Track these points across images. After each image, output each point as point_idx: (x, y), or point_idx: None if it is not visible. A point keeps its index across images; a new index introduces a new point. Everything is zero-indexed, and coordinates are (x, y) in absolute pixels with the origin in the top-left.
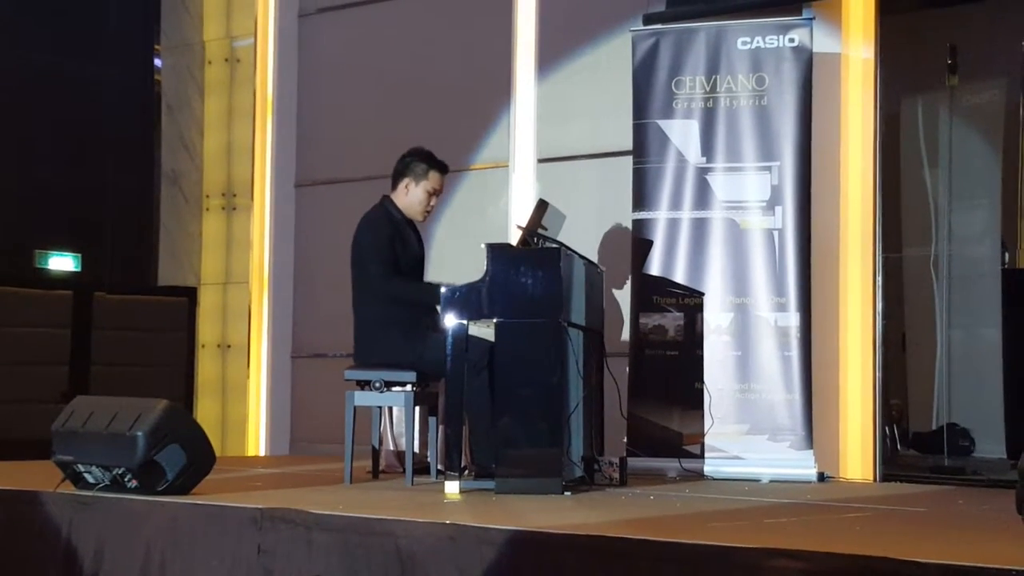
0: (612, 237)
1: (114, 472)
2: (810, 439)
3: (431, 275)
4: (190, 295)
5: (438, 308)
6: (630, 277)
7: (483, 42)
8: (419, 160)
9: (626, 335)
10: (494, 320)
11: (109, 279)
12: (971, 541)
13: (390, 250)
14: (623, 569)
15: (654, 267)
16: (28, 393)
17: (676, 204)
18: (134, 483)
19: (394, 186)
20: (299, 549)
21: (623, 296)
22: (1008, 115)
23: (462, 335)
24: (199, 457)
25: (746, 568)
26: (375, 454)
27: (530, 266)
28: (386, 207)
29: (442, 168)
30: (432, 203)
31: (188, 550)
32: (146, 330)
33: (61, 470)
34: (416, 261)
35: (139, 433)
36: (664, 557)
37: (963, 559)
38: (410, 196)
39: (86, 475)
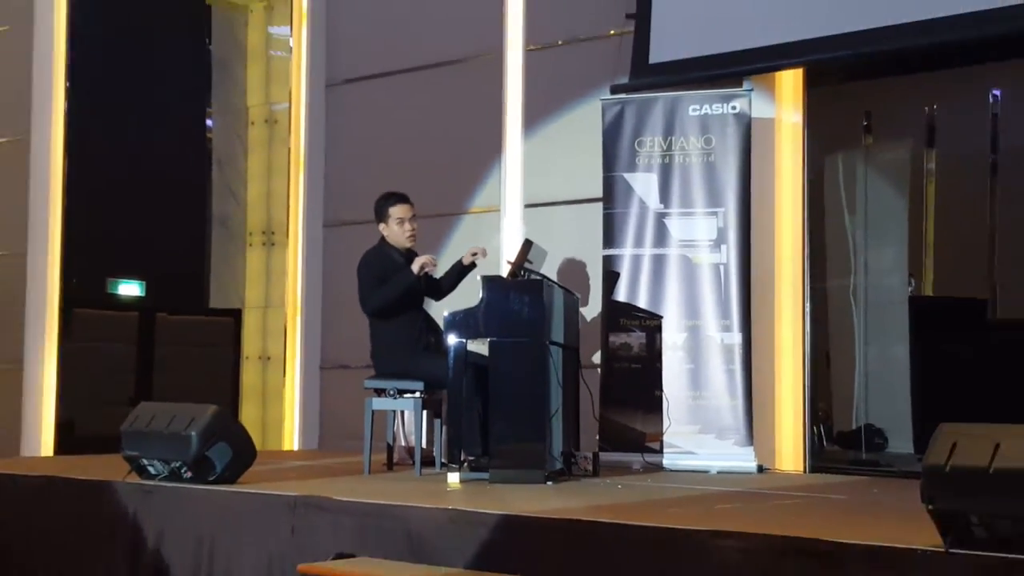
0: (586, 270)
1: (172, 465)
2: (750, 437)
3: (436, 302)
4: (236, 316)
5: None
6: (601, 303)
7: (478, 107)
8: (381, 203)
9: (598, 351)
10: (488, 339)
11: (168, 302)
12: (884, 525)
13: (379, 279)
14: (596, 548)
15: (621, 295)
16: (101, 397)
17: (639, 243)
18: (189, 474)
19: (379, 225)
20: (326, 530)
21: (595, 319)
22: (914, 169)
23: (462, 351)
24: (243, 452)
25: (696, 547)
26: (389, 450)
27: (518, 294)
28: (381, 244)
29: (399, 199)
30: (409, 229)
31: (234, 530)
32: (199, 345)
33: (128, 463)
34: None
35: (193, 433)
36: (630, 538)
37: (878, 540)
38: (389, 232)
39: (149, 467)
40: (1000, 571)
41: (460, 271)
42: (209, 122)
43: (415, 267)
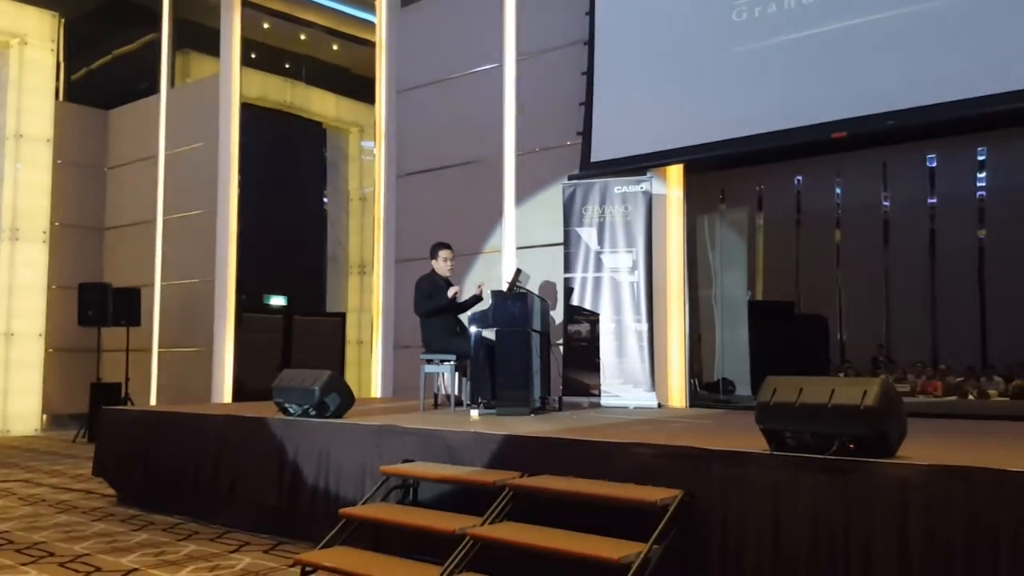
0: (554, 287)
1: (303, 407)
2: (653, 386)
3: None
4: (342, 317)
5: (461, 318)
6: (562, 305)
7: (489, 188)
8: (435, 248)
9: (561, 336)
10: (495, 328)
11: (301, 309)
12: (733, 438)
13: (428, 294)
14: (561, 455)
15: (575, 300)
16: (262, 366)
17: (585, 270)
18: (313, 413)
19: (432, 261)
20: (397, 444)
21: (559, 315)
22: (750, 224)
23: (479, 336)
24: (347, 399)
25: (622, 452)
26: (435, 397)
27: (512, 301)
28: (431, 273)
29: (446, 246)
30: (450, 265)
31: (342, 446)
32: (320, 334)
33: (277, 407)
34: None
35: (316, 387)
36: (582, 447)
37: (730, 447)
38: (437, 265)
39: (289, 408)
40: (803, 463)
41: (474, 298)
42: (325, 199)
43: (449, 293)
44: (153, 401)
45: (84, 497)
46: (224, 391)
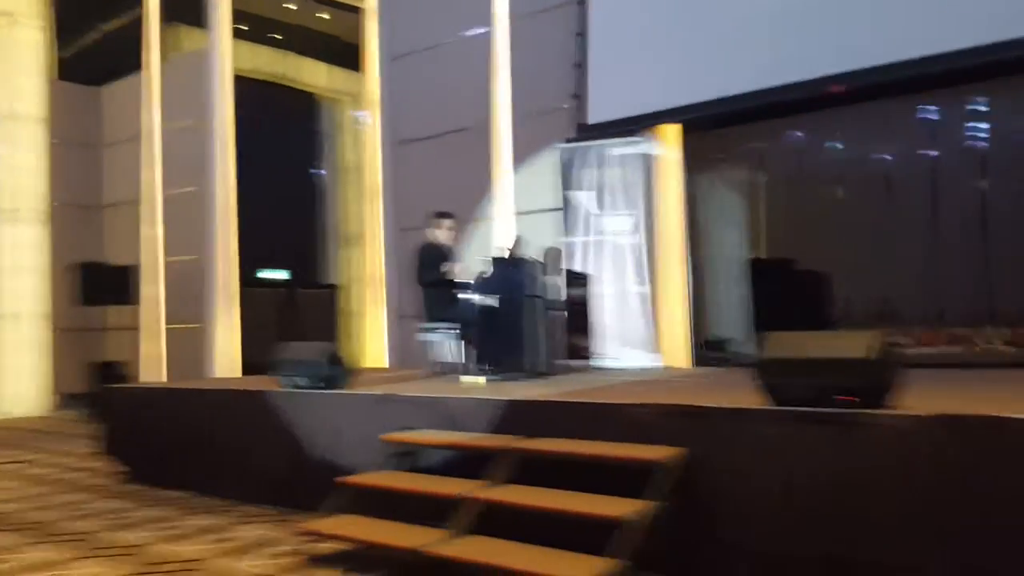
0: (554, 252)
1: (305, 379)
2: (656, 347)
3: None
4: (339, 289)
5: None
6: (562, 270)
7: (485, 156)
8: (437, 216)
9: (562, 299)
10: (496, 295)
11: (300, 281)
12: (734, 395)
13: (430, 262)
14: (562, 417)
15: (575, 264)
16: (263, 340)
17: (585, 233)
18: (322, 384)
19: (433, 231)
20: (399, 411)
21: (560, 279)
22: (751, 183)
23: (481, 303)
24: (348, 370)
25: (621, 413)
26: (438, 364)
27: (511, 267)
28: (433, 241)
29: (448, 215)
30: (452, 233)
31: (345, 416)
32: (318, 307)
33: (281, 380)
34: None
35: (317, 359)
36: (583, 410)
37: (730, 404)
38: (441, 233)
39: (292, 381)
40: (804, 417)
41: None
42: (320, 171)
43: (446, 268)
44: (164, 378)
45: (90, 476)
46: (225, 366)
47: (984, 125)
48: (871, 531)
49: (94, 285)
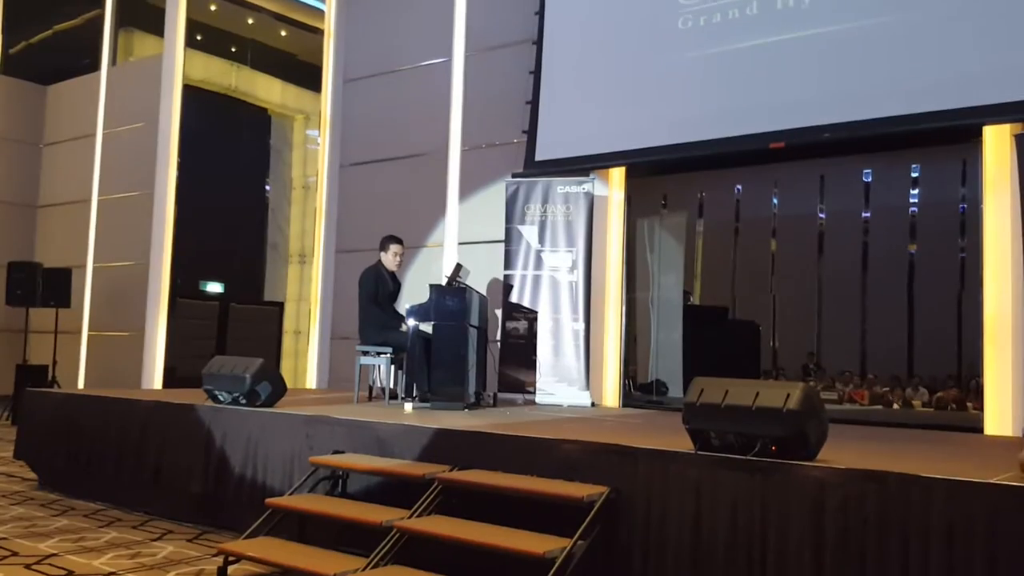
0: (494, 283)
1: (233, 395)
2: (588, 385)
3: (405, 299)
4: (280, 306)
5: (401, 315)
6: (501, 302)
7: (433, 182)
8: (386, 240)
9: (499, 331)
10: (433, 322)
11: (238, 296)
12: (662, 437)
13: (373, 288)
14: (491, 449)
15: (514, 297)
16: (195, 353)
17: (525, 267)
18: (243, 401)
19: (380, 253)
20: (328, 435)
21: (498, 312)
22: (689, 229)
23: (416, 329)
24: (278, 388)
25: (551, 448)
26: (370, 388)
27: (450, 296)
28: (377, 264)
29: (397, 240)
30: (398, 259)
31: (271, 435)
32: (257, 323)
33: (207, 394)
34: (391, 294)
35: (247, 375)
36: (513, 443)
37: (657, 446)
38: (386, 258)
39: (219, 396)
40: (725, 463)
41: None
42: (267, 187)
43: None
44: (81, 384)
45: (3, 480)
46: (155, 377)
47: (915, 191)
48: None
49: (21, 286)
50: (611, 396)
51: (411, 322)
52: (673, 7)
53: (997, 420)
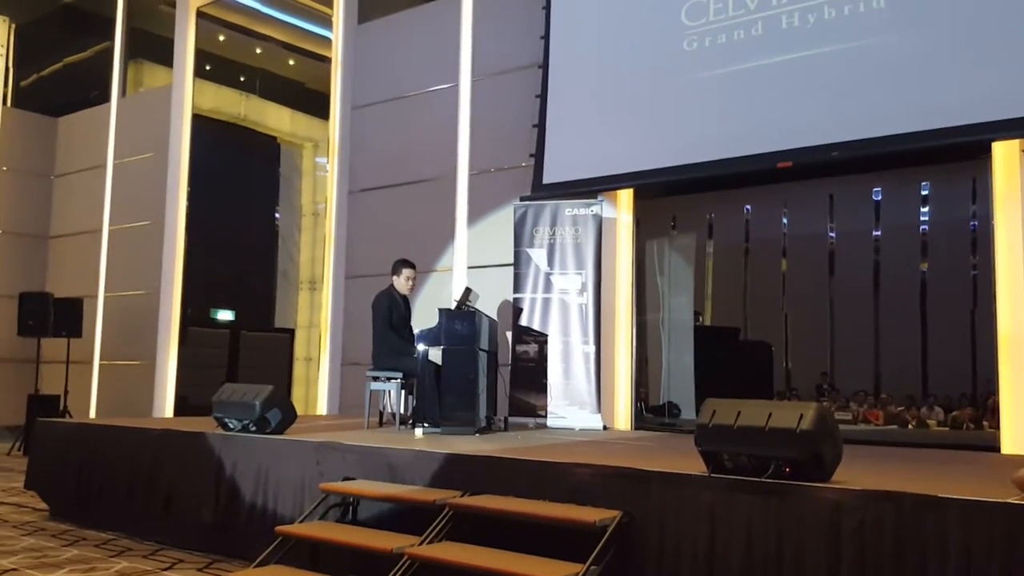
0: (504, 306)
1: (243, 422)
2: (599, 408)
3: (416, 323)
4: (291, 333)
5: (414, 342)
6: (511, 325)
7: (441, 209)
8: (399, 264)
9: (510, 355)
10: (442, 347)
11: (249, 324)
12: (674, 460)
13: (387, 313)
14: (502, 474)
15: (524, 320)
16: (207, 382)
17: (534, 291)
18: (253, 428)
19: (392, 277)
20: (337, 462)
21: (508, 335)
22: (699, 251)
23: (427, 354)
24: (288, 414)
25: (562, 472)
26: (380, 415)
27: (460, 320)
28: (390, 288)
29: (407, 264)
30: (410, 283)
31: (282, 463)
32: (268, 350)
33: (216, 421)
34: (404, 318)
35: (257, 402)
36: (524, 468)
37: (670, 469)
38: (398, 282)
39: (229, 423)
40: (739, 486)
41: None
42: (277, 214)
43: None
44: (93, 414)
45: (15, 511)
46: (167, 406)
47: (926, 209)
48: None
49: (33, 316)
50: (623, 419)
51: (421, 347)
52: (679, 29)
53: (1014, 438)
